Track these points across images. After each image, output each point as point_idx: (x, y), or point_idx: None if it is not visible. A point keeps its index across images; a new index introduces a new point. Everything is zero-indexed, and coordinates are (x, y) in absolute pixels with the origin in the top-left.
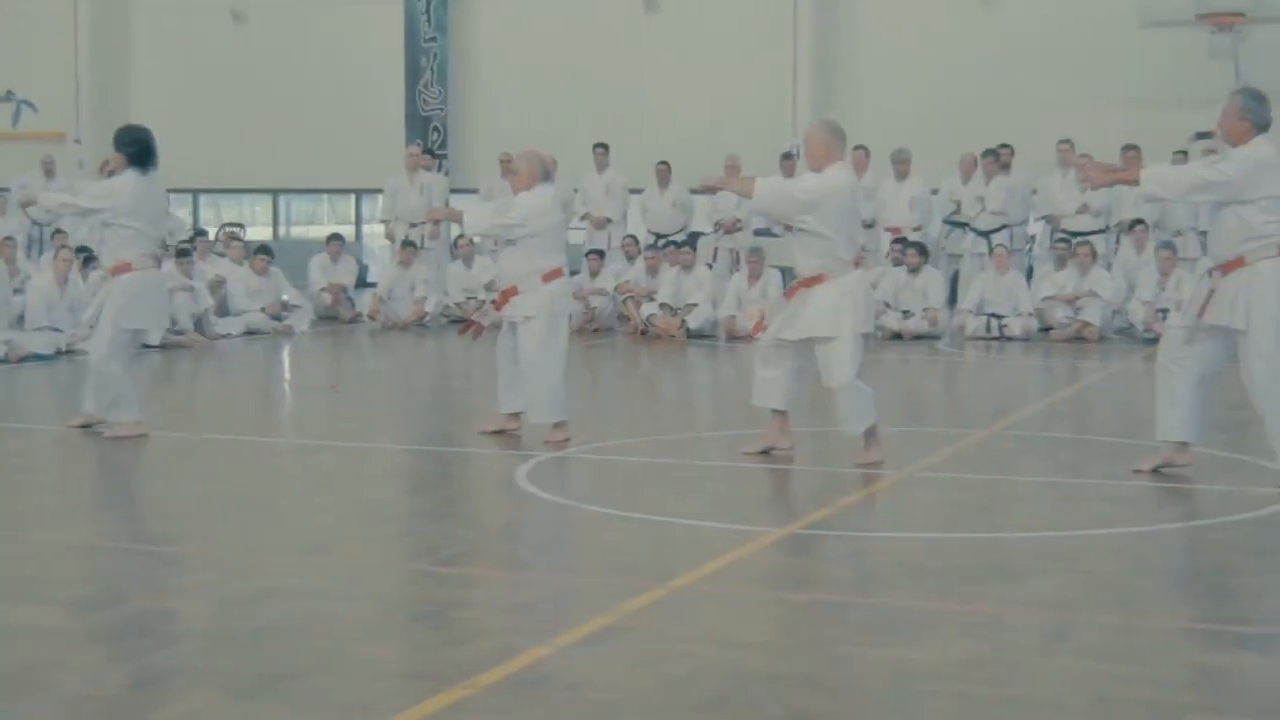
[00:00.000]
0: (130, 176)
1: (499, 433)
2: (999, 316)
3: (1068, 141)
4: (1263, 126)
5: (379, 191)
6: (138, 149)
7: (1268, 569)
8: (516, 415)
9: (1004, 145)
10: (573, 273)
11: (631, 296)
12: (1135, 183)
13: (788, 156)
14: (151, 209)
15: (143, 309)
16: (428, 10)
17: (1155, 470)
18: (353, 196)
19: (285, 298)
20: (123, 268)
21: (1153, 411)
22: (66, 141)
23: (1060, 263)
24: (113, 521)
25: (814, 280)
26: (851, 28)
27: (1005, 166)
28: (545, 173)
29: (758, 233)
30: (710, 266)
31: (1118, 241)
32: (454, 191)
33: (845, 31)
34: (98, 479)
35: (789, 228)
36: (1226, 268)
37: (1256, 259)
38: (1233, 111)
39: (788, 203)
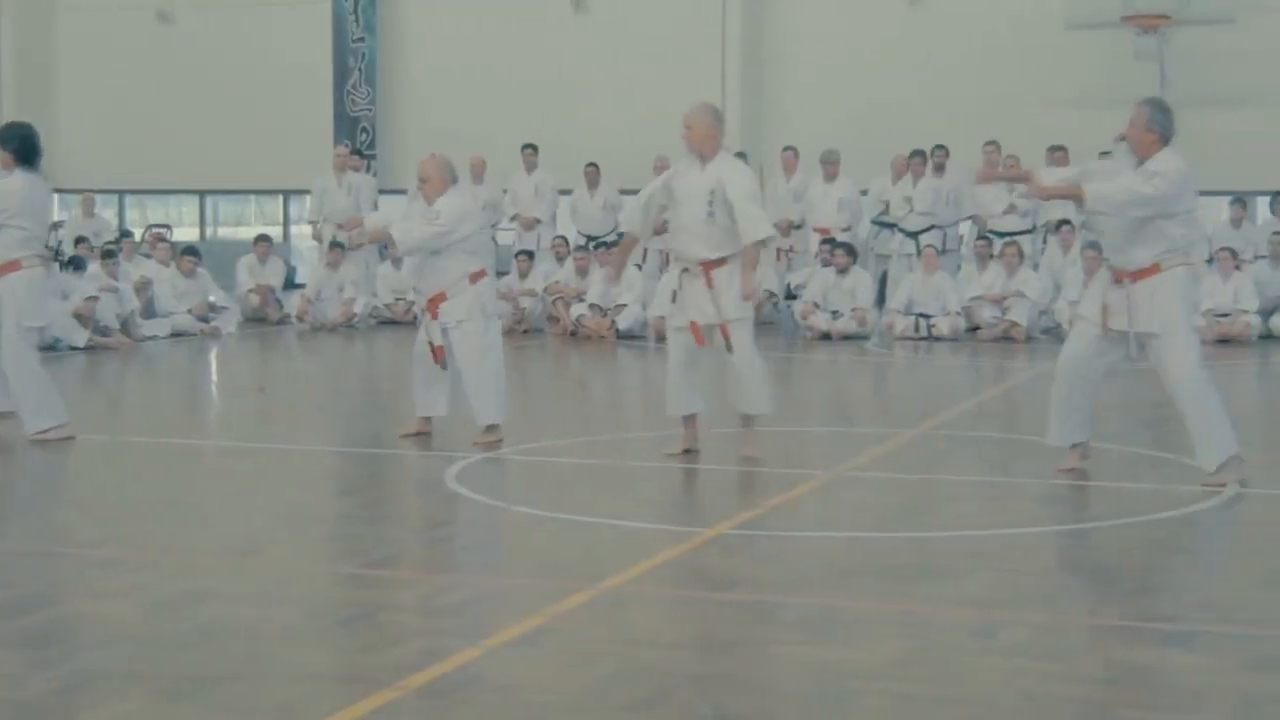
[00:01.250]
0: (19, 176)
1: (418, 434)
2: (927, 316)
3: (993, 143)
4: (1168, 139)
5: (307, 192)
6: (20, 144)
7: (1191, 566)
8: (429, 419)
9: (939, 146)
10: (502, 273)
11: (561, 297)
12: (1080, 198)
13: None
14: (40, 209)
15: (41, 305)
16: (356, 10)
17: (1074, 470)
18: (280, 197)
19: (212, 299)
20: (11, 266)
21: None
22: None
23: (982, 262)
24: (38, 525)
25: (718, 264)
26: (781, 28)
27: (939, 168)
28: (455, 176)
29: None
30: (639, 267)
31: (1044, 242)
32: (382, 192)
33: (774, 32)
34: (23, 482)
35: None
36: (1137, 275)
37: (1168, 266)
38: (1141, 123)
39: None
